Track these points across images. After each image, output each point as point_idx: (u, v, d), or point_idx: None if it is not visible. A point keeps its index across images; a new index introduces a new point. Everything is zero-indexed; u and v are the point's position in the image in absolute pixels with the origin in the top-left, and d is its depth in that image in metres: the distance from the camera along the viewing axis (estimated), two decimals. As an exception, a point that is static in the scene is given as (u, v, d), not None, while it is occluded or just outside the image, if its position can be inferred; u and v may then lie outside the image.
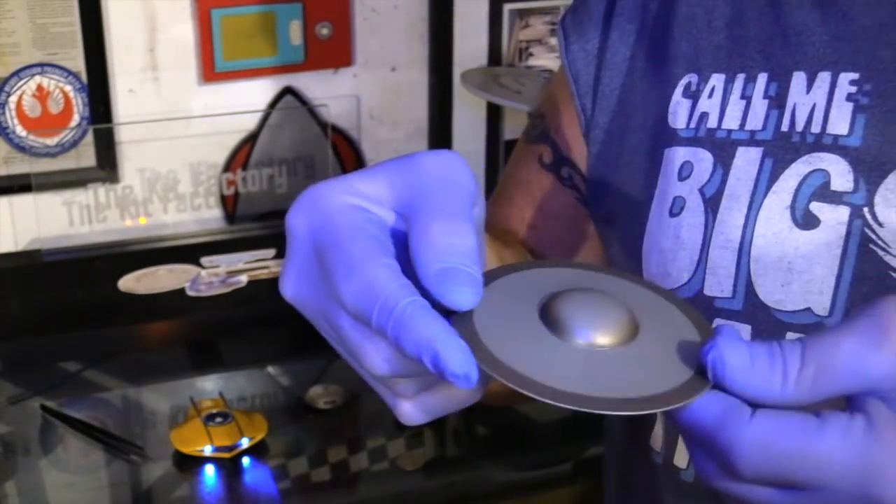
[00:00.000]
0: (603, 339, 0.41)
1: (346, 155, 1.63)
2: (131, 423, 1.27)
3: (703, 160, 0.61)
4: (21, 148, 1.44)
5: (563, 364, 0.40)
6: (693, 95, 0.63)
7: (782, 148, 0.58)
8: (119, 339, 1.36)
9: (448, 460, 1.20)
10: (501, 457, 1.20)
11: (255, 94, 1.55)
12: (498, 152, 1.68)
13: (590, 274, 0.46)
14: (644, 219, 0.64)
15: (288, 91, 1.57)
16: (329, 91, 1.59)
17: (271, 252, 1.45)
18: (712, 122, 0.62)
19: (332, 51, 1.57)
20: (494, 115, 1.68)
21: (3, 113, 1.42)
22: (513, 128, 1.68)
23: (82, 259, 1.40)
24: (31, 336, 1.32)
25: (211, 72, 1.51)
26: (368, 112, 1.63)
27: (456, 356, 0.39)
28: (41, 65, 1.42)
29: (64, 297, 1.35)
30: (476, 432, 1.28)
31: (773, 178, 0.58)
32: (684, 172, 0.62)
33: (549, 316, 0.42)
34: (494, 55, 1.66)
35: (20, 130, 1.43)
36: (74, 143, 1.46)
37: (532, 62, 1.69)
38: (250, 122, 1.56)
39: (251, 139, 1.57)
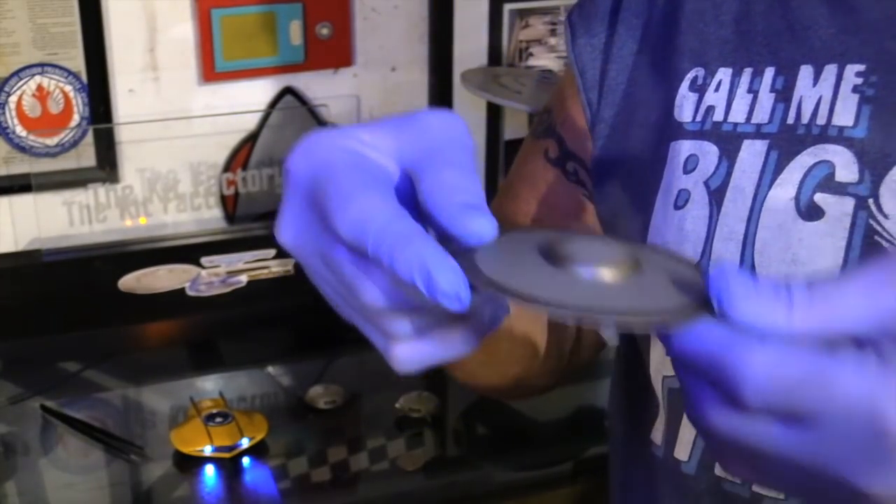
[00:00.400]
0: (605, 271, 0.41)
1: (346, 155, 1.63)
2: (131, 423, 1.27)
3: (709, 153, 0.61)
4: (21, 148, 1.44)
5: (564, 289, 0.40)
6: (699, 89, 0.63)
7: (788, 140, 0.59)
8: (119, 339, 1.36)
9: (448, 460, 1.20)
10: (501, 457, 1.20)
11: (255, 94, 1.55)
12: (498, 152, 1.67)
13: (593, 235, 0.47)
14: (649, 212, 0.64)
15: (288, 91, 1.57)
16: (329, 91, 1.59)
17: (271, 252, 1.45)
18: (718, 116, 0.62)
19: (332, 51, 1.57)
20: (494, 115, 1.68)
21: (3, 113, 1.42)
22: (513, 128, 1.68)
23: (82, 259, 1.40)
24: (31, 336, 1.32)
25: (211, 72, 1.51)
26: (368, 112, 1.63)
27: (447, 275, 0.39)
28: (41, 65, 1.42)
29: (64, 298, 1.35)
30: (476, 432, 1.28)
31: (778, 170, 0.58)
32: (689, 165, 0.62)
33: (550, 253, 0.41)
34: (494, 55, 1.66)
35: (20, 130, 1.43)
36: (74, 143, 1.46)
37: (532, 62, 1.69)
38: (250, 122, 1.56)
39: (251, 139, 1.57)
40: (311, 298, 0.49)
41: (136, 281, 1.39)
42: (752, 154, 0.60)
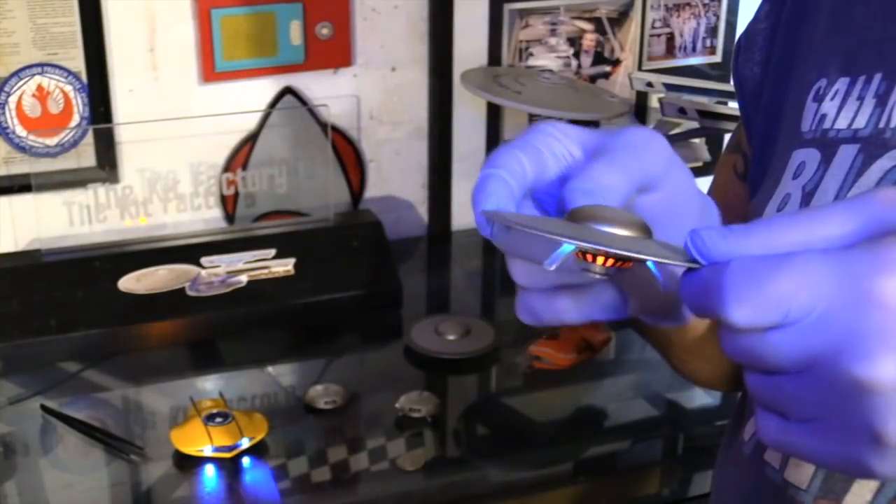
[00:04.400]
0: (619, 231, 0.45)
1: (347, 155, 1.63)
2: (131, 423, 1.27)
3: (813, 159, 0.62)
4: (21, 148, 1.44)
5: (579, 231, 0.45)
6: (819, 99, 0.64)
7: (874, 144, 0.59)
8: (119, 339, 1.36)
9: (448, 460, 1.20)
10: (501, 457, 1.20)
11: (255, 94, 1.55)
12: (498, 152, 1.67)
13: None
14: (760, 216, 0.65)
15: (288, 91, 1.57)
16: (329, 91, 1.59)
17: (271, 252, 1.45)
18: (827, 123, 0.62)
19: (332, 51, 1.57)
20: (494, 115, 1.68)
21: (3, 113, 1.42)
22: (513, 128, 1.68)
23: (82, 259, 1.40)
24: (31, 336, 1.32)
25: (211, 72, 1.51)
26: (368, 112, 1.63)
27: (483, 198, 0.48)
28: (41, 65, 1.42)
29: (64, 297, 1.35)
30: (476, 432, 1.28)
31: (860, 173, 0.59)
32: (798, 172, 0.63)
33: (574, 217, 0.46)
34: (494, 55, 1.66)
35: (20, 130, 1.43)
36: (74, 143, 1.46)
37: (532, 62, 1.69)
38: (250, 122, 1.56)
39: (251, 139, 1.57)
40: (311, 298, 0.50)
41: (136, 281, 1.39)
42: (844, 158, 0.60)
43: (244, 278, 1.41)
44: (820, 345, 0.38)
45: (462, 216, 1.71)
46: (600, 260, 0.45)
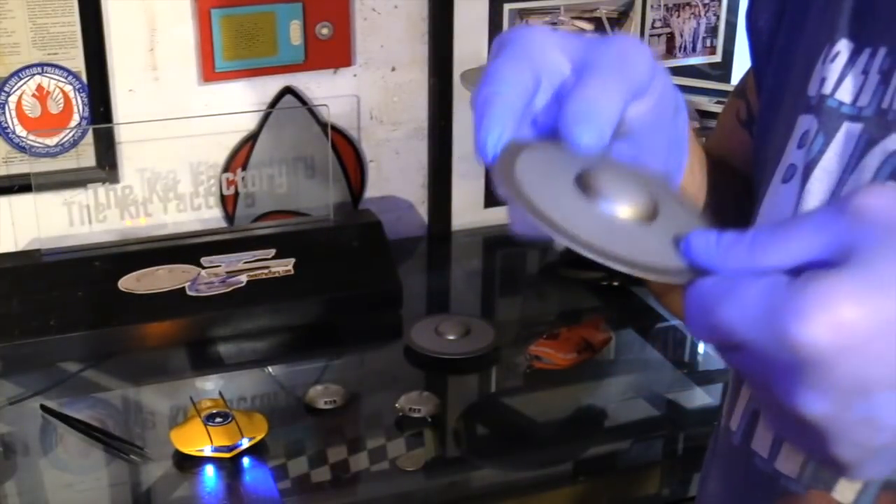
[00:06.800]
0: (623, 212, 0.45)
1: (347, 155, 1.63)
2: (131, 423, 1.27)
3: (814, 128, 0.61)
4: (21, 148, 1.44)
5: (578, 216, 0.45)
6: (825, 62, 0.62)
7: (877, 125, 0.58)
8: (119, 339, 1.36)
9: (448, 460, 1.20)
10: (501, 457, 1.20)
11: (255, 94, 1.55)
12: (498, 152, 1.67)
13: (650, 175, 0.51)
14: (767, 185, 0.64)
15: (288, 91, 1.57)
16: (329, 91, 1.59)
17: (271, 252, 1.45)
18: (826, 89, 0.61)
19: (332, 51, 1.57)
20: (494, 115, 1.68)
21: (3, 113, 1.42)
22: (513, 128, 1.68)
23: (82, 259, 1.40)
24: (31, 336, 1.32)
25: (211, 72, 1.51)
26: (368, 112, 1.63)
27: (485, 134, 0.48)
28: (41, 65, 1.42)
29: (64, 297, 1.35)
30: (476, 432, 1.28)
31: (862, 154, 0.58)
32: (802, 141, 0.62)
33: (582, 180, 0.47)
34: (494, 55, 1.66)
35: (20, 130, 1.43)
36: (74, 143, 1.46)
37: (532, 62, 1.69)
38: (250, 122, 1.56)
39: (251, 139, 1.57)
40: (311, 298, 0.50)
41: (136, 281, 1.39)
42: (848, 137, 0.59)
43: (244, 278, 1.41)
44: (761, 374, 0.41)
45: (462, 216, 1.71)
46: None
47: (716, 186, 0.67)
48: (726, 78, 1.82)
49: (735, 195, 0.70)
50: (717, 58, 1.83)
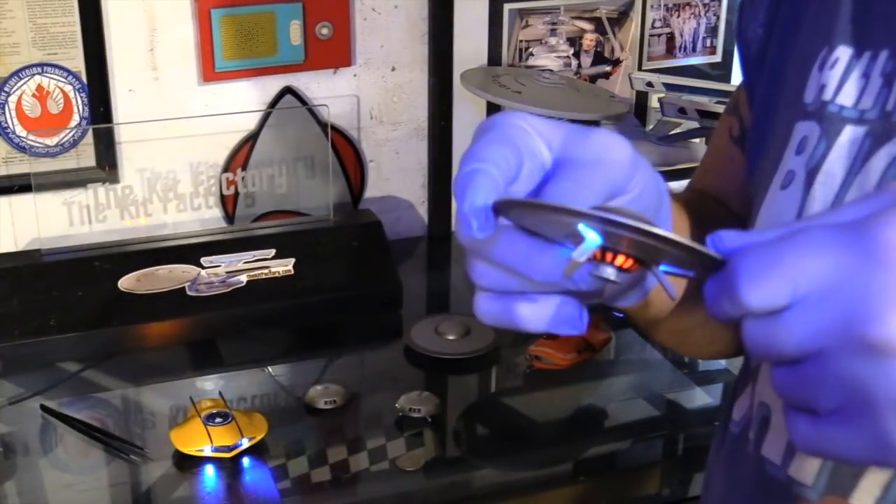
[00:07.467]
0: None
1: (347, 155, 1.63)
2: (131, 423, 1.27)
3: (814, 134, 0.61)
4: (21, 148, 1.44)
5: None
6: (822, 68, 0.62)
7: (881, 128, 0.57)
8: (119, 339, 1.36)
9: (448, 460, 1.20)
10: (501, 457, 1.20)
11: (255, 94, 1.55)
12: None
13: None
14: (765, 193, 0.64)
15: (288, 91, 1.57)
16: (329, 91, 1.59)
17: (271, 252, 1.45)
18: (827, 95, 0.61)
19: (332, 51, 1.57)
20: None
21: (3, 113, 1.42)
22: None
23: (82, 259, 1.40)
24: (31, 336, 1.32)
25: (211, 72, 1.51)
26: (368, 112, 1.63)
27: (472, 197, 0.47)
28: (41, 65, 1.42)
29: (64, 297, 1.35)
30: (476, 432, 1.28)
31: (867, 158, 0.57)
32: (801, 147, 0.62)
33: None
34: (494, 55, 1.66)
35: (20, 130, 1.43)
36: (74, 143, 1.46)
37: (532, 62, 1.69)
38: (250, 122, 1.56)
39: (251, 139, 1.57)
40: (311, 298, 0.50)
41: (136, 281, 1.39)
42: (851, 141, 0.58)
43: (244, 278, 1.41)
44: (832, 317, 0.39)
45: (462, 216, 1.71)
46: (620, 259, 0.45)
47: None
48: (726, 78, 1.82)
49: None
50: (717, 58, 1.83)
